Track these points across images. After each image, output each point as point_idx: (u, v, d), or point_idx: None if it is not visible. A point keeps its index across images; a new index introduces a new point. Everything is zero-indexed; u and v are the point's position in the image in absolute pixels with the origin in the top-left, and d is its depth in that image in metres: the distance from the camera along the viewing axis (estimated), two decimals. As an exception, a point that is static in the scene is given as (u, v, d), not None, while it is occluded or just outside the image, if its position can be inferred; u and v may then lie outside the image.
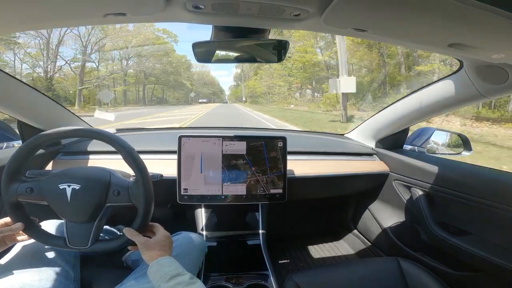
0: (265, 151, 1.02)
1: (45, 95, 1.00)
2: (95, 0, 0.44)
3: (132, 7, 0.48)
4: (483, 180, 0.93)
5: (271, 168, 1.03)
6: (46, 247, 0.70)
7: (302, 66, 17.28)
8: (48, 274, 0.65)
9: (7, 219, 0.64)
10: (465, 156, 1.12)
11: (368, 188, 1.37)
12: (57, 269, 0.68)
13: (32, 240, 0.67)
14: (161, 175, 0.77)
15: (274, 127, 8.86)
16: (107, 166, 0.72)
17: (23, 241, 0.67)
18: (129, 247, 0.68)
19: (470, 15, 0.41)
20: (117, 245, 0.66)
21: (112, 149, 0.64)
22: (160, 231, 0.68)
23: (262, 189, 1.02)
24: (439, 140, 1.21)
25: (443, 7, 0.40)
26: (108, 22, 0.53)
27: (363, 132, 1.43)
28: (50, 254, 0.70)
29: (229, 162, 1.00)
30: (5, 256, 0.67)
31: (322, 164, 1.22)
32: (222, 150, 1.00)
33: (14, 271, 0.63)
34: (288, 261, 1.46)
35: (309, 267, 1.42)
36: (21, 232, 0.64)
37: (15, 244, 0.67)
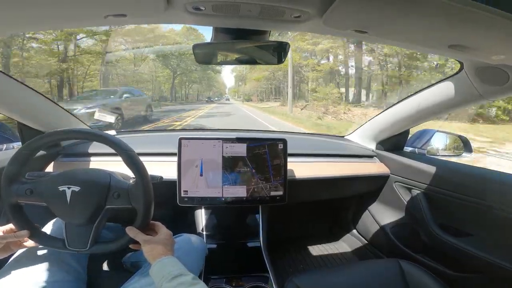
0: (268, 159, 1.02)
1: (46, 97, 1.00)
2: (95, 1, 0.44)
3: (132, 8, 0.48)
4: (484, 181, 0.93)
5: (275, 176, 1.02)
6: None
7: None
8: (61, 276, 0.65)
9: (12, 225, 0.63)
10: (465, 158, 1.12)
11: (368, 190, 1.37)
12: (70, 270, 0.68)
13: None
14: (161, 177, 0.77)
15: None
16: (107, 168, 0.71)
17: (29, 247, 0.66)
18: (130, 246, 0.68)
19: (470, 17, 0.42)
20: (117, 246, 0.66)
21: (112, 151, 0.64)
22: (163, 230, 0.67)
23: (262, 191, 1.02)
24: (439, 142, 1.21)
25: (444, 8, 0.40)
26: (108, 23, 0.53)
27: (363, 134, 1.43)
28: (63, 255, 0.70)
29: (229, 164, 1.00)
30: (18, 255, 0.67)
31: (322, 166, 1.22)
32: (222, 152, 1.00)
33: (26, 272, 0.63)
34: (289, 262, 1.45)
35: (310, 269, 1.42)
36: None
37: None
